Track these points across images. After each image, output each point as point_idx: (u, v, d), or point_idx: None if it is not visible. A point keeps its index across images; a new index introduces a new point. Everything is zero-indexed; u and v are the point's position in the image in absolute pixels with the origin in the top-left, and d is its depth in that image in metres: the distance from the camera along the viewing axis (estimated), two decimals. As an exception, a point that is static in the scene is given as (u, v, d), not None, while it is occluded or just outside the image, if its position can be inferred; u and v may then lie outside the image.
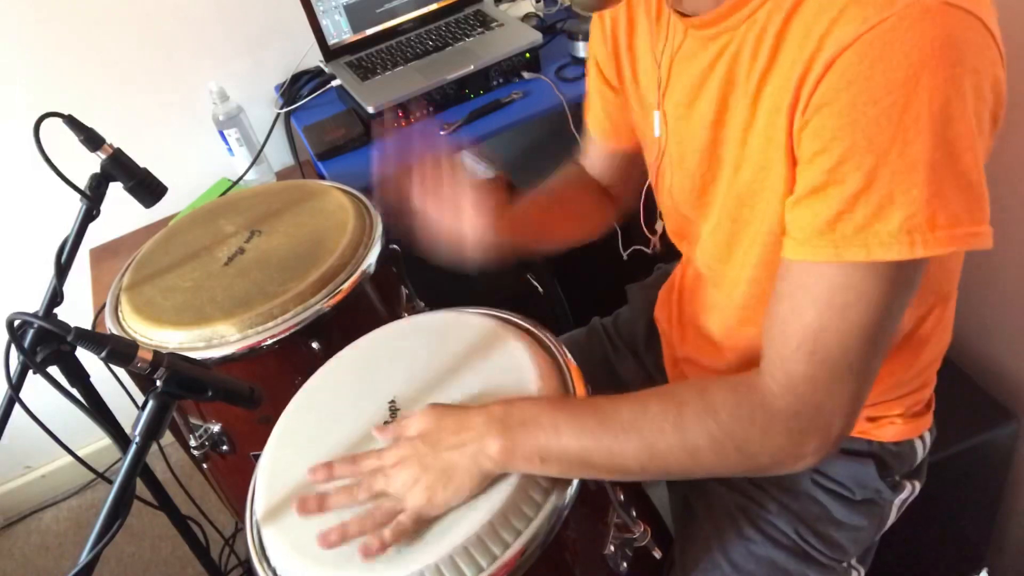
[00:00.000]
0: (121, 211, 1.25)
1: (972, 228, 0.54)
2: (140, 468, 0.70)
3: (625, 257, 1.04)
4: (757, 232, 0.68)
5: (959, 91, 0.52)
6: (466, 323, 0.85)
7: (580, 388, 0.75)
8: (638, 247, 1.00)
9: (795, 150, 0.60)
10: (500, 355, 0.79)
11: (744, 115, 0.65)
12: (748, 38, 0.62)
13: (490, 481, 0.66)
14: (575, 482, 0.68)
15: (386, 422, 0.76)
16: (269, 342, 0.98)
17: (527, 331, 0.84)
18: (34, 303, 0.97)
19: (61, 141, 0.96)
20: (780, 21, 0.59)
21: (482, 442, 0.65)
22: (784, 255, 0.61)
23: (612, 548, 0.74)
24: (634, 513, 0.76)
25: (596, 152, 0.98)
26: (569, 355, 0.79)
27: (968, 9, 0.52)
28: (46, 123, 0.94)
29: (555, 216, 0.96)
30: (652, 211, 0.93)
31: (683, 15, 0.68)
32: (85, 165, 1.00)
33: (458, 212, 0.79)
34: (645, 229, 0.94)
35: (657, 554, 0.76)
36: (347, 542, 0.65)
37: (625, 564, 0.74)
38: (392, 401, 0.78)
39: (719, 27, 0.65)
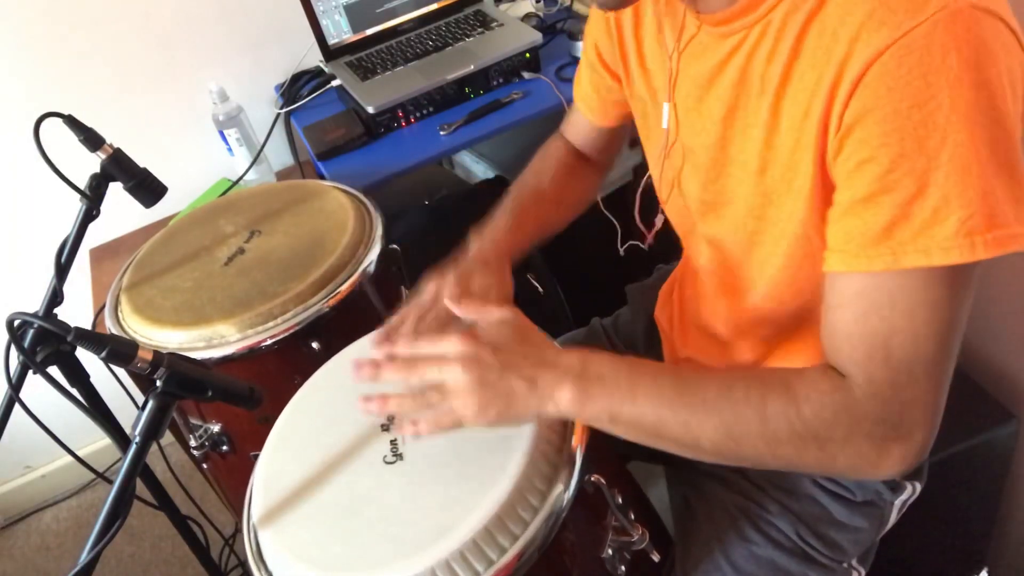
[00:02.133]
0: (121, 211, 1.25)
1: (1020, 228, 0.54)
2: (140, 468, 0.70)
3: (622, 252, 1.04)
4: (783, 233, 0.68)
5: (1000, 90, 0.52)
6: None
7: None
8: (634, 242, 1.00)
9: (828, 158, 0.59)
10: None
11: (763, 117, 0.64)
12: (765, 38, 0.62)
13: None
14: (572, 485, 0.67)
15: (383, 425, 0.75)
16: (269, 342, 0.98)
17: None
18: (34, 303, 0.97)
19: (61, 141, 0.96)
20: (800, 23, 0.59)
21: (556, 386, 0.62)
22: (831, 268, 0.60)
23: (610, 551, 0.73)
24: (632, 516, 0.76)
25: (582, 125, 1.00)
26: None
27: (994, 11, 0.52)
28: (46, 123, 0.94)
29: (547, 209, 0.97)
30: (648, 206, 0.93)
31: (696, 11, 0.68)
32: (85, 165, 1.00)
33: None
34: (640, 224, 0.94)
35: (655, 557, 0.76)
36: (385, 412, 0.66)
37: (623, 567, 0.74)
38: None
39: (732, 25, 0.65)
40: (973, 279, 0.57)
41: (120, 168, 1.02)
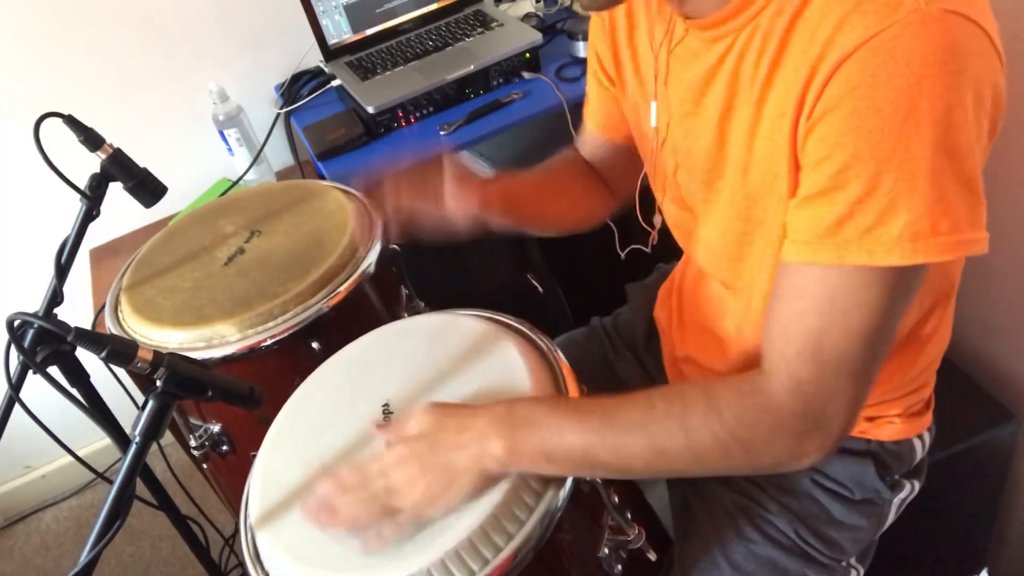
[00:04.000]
0: (121, 211, 1.26)
1: (972, 234, 0.55)
2: (140, 468, 0.70)
3: (623, 257, 1.04)
4: (771, 234, 0.68)
5: (961, 98, 0.52)
6: (460, 325, 0.85)
7: (573, 389, 0.75)
8: (636, 246, 1.00)
9: (799, 155, 0.60)
10: (493, 357, 0.79)
11: (749, 118, 0.65)
12: (753, 41, 0.62)
13: (491, 482, 0.66)
14: (568, 484, 0.68)
15: (379, 425, 0.75)
16: (269, 342, 0.98)
17: (520, 333, 0.84)
18: (34, 303, 0.97)
19: (61, 141, 0.96)
20: (784, 26, 0.59)
21: (485, 442, 0.65)
22: (783, 257, 0.61)
23: (606, 551, 0.74)
24: (629, 515, 0.76)
25: (591, 141, 0.99)
26: (562, 356, 0.79)
27: (969, 16, 0.52)
28: (46, 123, 0.95)
29: (548, 195, 0.96)
30: (650, 205, 0.93)
31: (684, 15, 0.68)
32: (85, 165, 1.00)
33: (440, 195, 0.81)
34: (642, 221, 0.94)
35: (652, 556, 0.76)
36: (337, 526, 0.66)
37: (620, 567, 0.74)
38: (386, 404, 0.77)
39: (722, 29, 0.65)
40: (915, 282, 0.59)
41: (120, 168, 1.02)
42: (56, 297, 0.99)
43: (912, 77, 0.51)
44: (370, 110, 1.40)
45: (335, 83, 1.53)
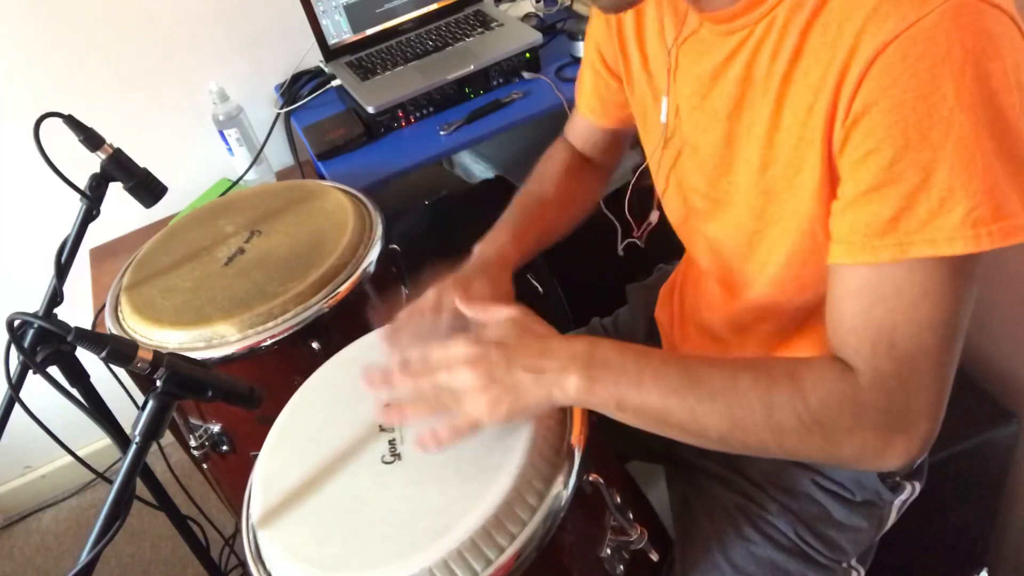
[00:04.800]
0: (121, 211, 1.26)
1: None
2: (140, 468, 0.70)
3: (620, 252, 1.04)
4: (785, 231, 0.68)
5: (1005, 83, 0.52)
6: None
7: None
8: (632, 240, 1.01)
9: (834, 151, 0.60)
10: None
11: (766, 114, 0.65)
12: (769, 35, 0.62)
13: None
14: (571, 484, 0.67)
15: (381, 425, 0.75)
16: (269, 342, 0.99)
17: None
18: (34, 303, 0.97)
19: (61, 141, 0.96)
20: (803, 20, 0.59)
21: (562, 375, 0.63)
22: (836, 260, 0.60)
23: (608, 551, 0.73)
24: (631, 515, 0.76)
25: (584, 127, 1.00)
26: None
27: (998, 4, 0.52)
28: (46, 123, 0.95)
29: (551, 215, 0.97)
30: (646, 202, 0.94)
31: (699, 9, 0.68)
32: (85, 165, 1.00)
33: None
34: (630, 219, 0.94)
35: (654, 556, 0.76)
36: (403, 422, 0.66)
37: (622, 567, 0.74)
38: (388, 404, 0.77)
39: (735, 23, 0.65)
40: (977, 272, 0.58)
41: (120, 168, 1.02)
42: (56, 297, 0.99)
43: (955, 64, 0.51)
44: (370, 110, 1.40)
45: (335, 83, 1.54)
